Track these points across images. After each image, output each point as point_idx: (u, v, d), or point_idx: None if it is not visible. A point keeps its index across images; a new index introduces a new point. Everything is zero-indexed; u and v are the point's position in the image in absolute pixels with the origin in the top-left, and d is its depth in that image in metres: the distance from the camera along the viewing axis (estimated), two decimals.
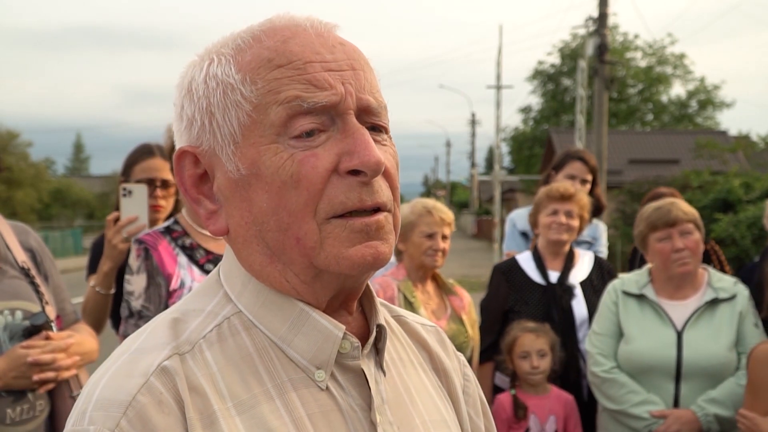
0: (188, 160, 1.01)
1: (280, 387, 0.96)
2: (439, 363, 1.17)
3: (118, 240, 2.92)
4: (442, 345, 1.21)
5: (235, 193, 0.97)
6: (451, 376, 1.17)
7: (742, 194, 15.24)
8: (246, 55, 0.97)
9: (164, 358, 0.93)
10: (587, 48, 20.83)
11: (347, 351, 1.00)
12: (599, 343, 3.28)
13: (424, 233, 3.30)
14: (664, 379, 3.16)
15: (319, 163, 0.94)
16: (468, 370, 1.24)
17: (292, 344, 0.98)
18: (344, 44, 1.00)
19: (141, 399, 0.89)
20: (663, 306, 3.24)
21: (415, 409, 1.07)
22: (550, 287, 3.63)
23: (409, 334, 1.17)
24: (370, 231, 0.95)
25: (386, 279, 3.32)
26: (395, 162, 1.01)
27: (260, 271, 0.99)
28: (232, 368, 0.95)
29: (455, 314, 3.35)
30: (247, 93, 0.96)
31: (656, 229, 3.20)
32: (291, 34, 0.98)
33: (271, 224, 0.95)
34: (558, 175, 4.27)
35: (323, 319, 0.98)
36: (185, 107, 1.01)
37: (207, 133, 0.99)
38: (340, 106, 0.95)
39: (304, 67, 0.95)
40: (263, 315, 0.99)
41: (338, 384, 0.99)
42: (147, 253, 2.53)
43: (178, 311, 1.01)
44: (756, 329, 3.20)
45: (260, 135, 0.95)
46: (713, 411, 3.07)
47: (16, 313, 2.21)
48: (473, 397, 1.21)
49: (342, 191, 0.94)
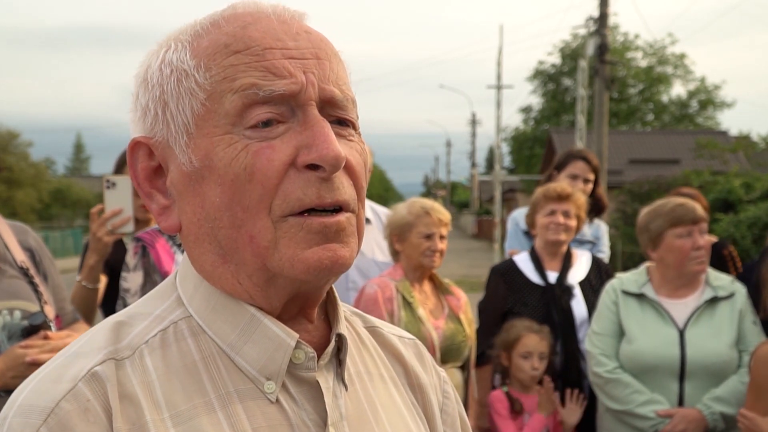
0: (142, 151, 0.95)
1: (224, 398, 0.89)
2: (414, 378, 1.09)
3: (102, 233, 2.88)
4: (419, 359, 1.13)
5: (188, 188, 0.91)
6: (427, 393, 1.10)
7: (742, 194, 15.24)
8: (203, 41, 0.92)
9: (97, 363, 0.87)
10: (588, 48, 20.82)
11: (301, 361, 0.93)
12: (600, 344, 3.27)
13: (422, 234, 3.29)
14: (667, 378, 3.15)
15: (276, 155, 0.88)
16: (448, 387, 1.15)
17: (241, 352, 0.92)
18: (310, 32, 0.94)
19: (65, 406, 0.83)
20: (663, 305, 3.24)
21: (379, 426, 0.99)
22: (549, 288, 3.62)
23: (384, 346, 1.10)
24: (328, 233, 0.89)
25: (384, 279, 3.31)
26: (362, 160, 0.95)
27: (212, 272, 0.93)
28: (173, 376, 0.89)
29: (453, 313, 3.35)
30: (201, 80, 0.90)
31: (678, 224, 3.17)
32: (252, 20, 0.92)
33: (224, 221, 0.89)
34: (560, 175, 4.26)
35: (275, 326, 0.92)
36: (140, 96, 0.95)
37: (160, 123, 0.93)
38: (300, 96, 0.89)
39: (262, 53, 0.89)
40: (213, 320, 0.93)
41: (290, 396, 0.93)
42: (144, 250, 2.52)
43: (125, 314, 0.96)
44: (755, 327, 3.21)
45: (214, 125, 0.89)
46: (719, 409, 3.06)
47: (15, 313, 2.21)
48: (452, 416, 1.13)
49: (299, 186, 0.88)
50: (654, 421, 3.11)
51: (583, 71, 22.96)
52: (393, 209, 3.47)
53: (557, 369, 3.50)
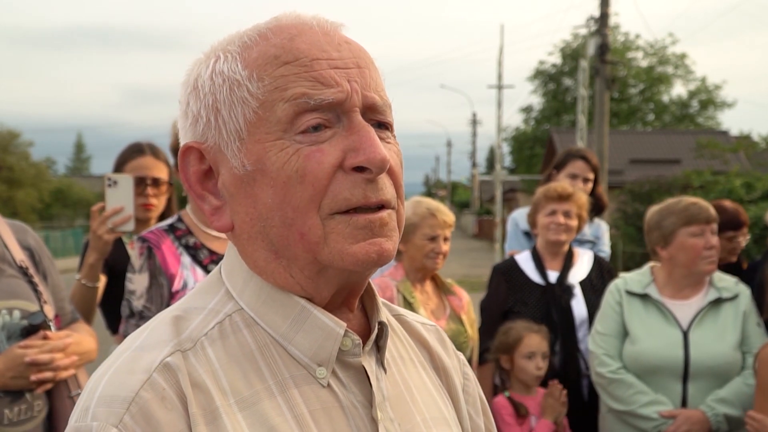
0: (193, 156, 1.01)
1: (281, 384, 0.96)
2: (439, 362, 1.17)
3: (103, 231, 2.87)
4: (442, 344, 1.21)
5: (240, 190, 0.98)
6: (451, 375, 1.18)
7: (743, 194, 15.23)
8: (252, 52, 0.98)
9: (166, 354, 0.93)
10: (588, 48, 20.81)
11: (348, 348, 1.00)
12: (604, 344, 3.26)
13: (426, 236, 3.27)
14: (671, 379, 3.14)
15: (325, 158, 0.94)
16: (468, 369, 1.24)
17: (294, 341, 0.98)
18: (350, 43, 1.01)
19: (144, 395, 0.89)
20: (667, 305, 3.22)
21: (415, 406, 1.07)
22: (550, 287, 3.61)
23: (410, 332, 1.17)
24: (374, 228, 0.96)
25: (385, 280, 3.30)
26: (399, 160, 1.02)
27: (264, 267, 0.99)
28: (234, 365, 0.96)
29: (454, 314, 3.34)
30: (254, 89, 0.96)
31: (692, 223, 3.15)
32: (297, 32, 0.98)
33: (276, 220, 0.96)
34: (560, 174, 4.26)
35: (324, 317, 0.99)
36: (191, 104, 1.01)
37: (212, 129, 0.99)
38: (346, 104, 0.96)
39: (310, 64, 0.95)
40: (265, 312, 0.99)
41: (339, 381, 1.00)
42: (150, 251, 2.50)
43: (179, 309, 1.01)
44: (759, 328, 3.20)
45: (266, 132, 0.95)
46: (723, 411, 3.06)
47: (14, 313, 2.20)
48: (473, 396, 1.22)
49: (347, 187, 0.94)
50: (657, 422, 3.10)
51: (584, 71, 22.96)
52: None
53: (556, 368, 3.50)
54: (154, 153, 3.31)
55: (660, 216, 3.26)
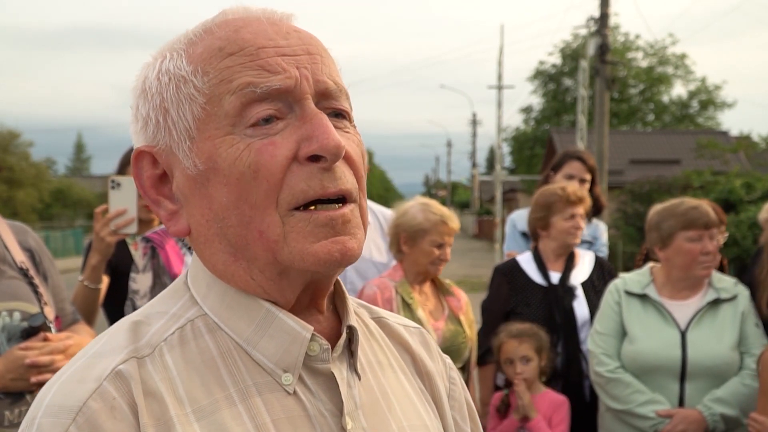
0: (146, 160, 0.98)
1: (243, 391, 0.92)
2: (422, 366, 1.12)
3: (105, 233, 2.87)
4: (425, 347, 1.16)
5: (194, 191, 0.94)
6: (434, 380, 1.12)
7: (743, 194, 15.24)
8: (197, 47, 0.95)
9: (120, 362, 0.89)
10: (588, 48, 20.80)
11: (316, 353, 0.96)
12: (603, 343, 3.27)
13: (435, 242, 3.25)
14: (668, 379, 3.15)
15: (278, 151, 0.90)
16: (454, 373, 1.18)
17: (258, 346, 0.94)
18: (299, 31, 0.97)
19: (92, 405, 0.86)
20: (666, 306, 3.23)
21: (392, 414, 1.02)
22: (552, 288, 3.61)
23: (390, 336, 1.12)
24: (336, 225, 0.92)
25: (383, 280, 3.30)
26: (360, 150, 0.97)
27: (224, 270, 0.96)
28: (193, 372, 0.92)
29: (453, 315, 3.34)
30: (200, 84, 0.93)
31: (690, 227, 3.14)
32: (243, 24, 0.95)
33: (233, 219, 0.92)
34: (557, 176, 4.27)
35: (290, 320, 0.95)
36: (140, 107, 0.97)
37: (162, 131, 0.95)
38: (296, 91, 0.92)
39: (256, 53, 0.92)
40: (228, 317, 0.96)
41: (307, 388, 0.95)
42: (154, 251, 2.51)
43: (141, 314, 0.98)
44: (757, 329, 3.20)
45: (215, 127, 0.92)
46: (719, 410, 3.06)
47: (14, 314, 2.20)
48: (459, 401, 1.16)
49: (303, 179, 0.91)
50: (654, 421, 3.11)
51: (584, 71, 22.96)
52: (402, 209, 3.37)
53: (558, 369, 3.50)
54: None
55: (660, 217, 3.25)
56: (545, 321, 3.48)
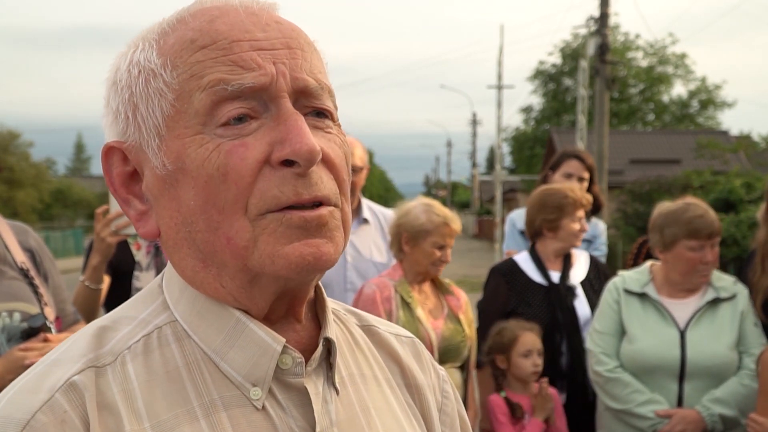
0: (116, 156, 0.92)
1: (208, 406, 0.86)
2: (411, 378, 1.06)
3: (106, 233, 2.87)
4: (417, 358, 1.09)
5: (163, 192, 0.88)
6: (424, 393, 1.06)
7: (743, 194, 15.23)
8: (170, 38, 0.88)
9: (75, 372, 0.84)
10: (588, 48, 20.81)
11: (288, 367, 0.90)
12: (602, 342, 3.27)
13: (436, 244, 3.26)
14: (667, 379, 3.15)
15: (249, 153, 0.84)
16: (448, 387, 1.12)
17: (227, 358, 0.89)
18: (281, 23, 0.90)
19: (41, 418, 0.81)
20: (665, 305, 3.23)
21: (371, 430, 0.96)
22: (553, 287, 3.60)
23: (379, 345, 1.06)
24: (309, 227, 0.85)
25: (383, 279, 3.30)
26: (342, 152, 0.91)
27: (193, 276, 0.90)
28: (155, 384, 0.86)
29: (452, 314, 3.33)
30: (169, 79, 0.86)
31: (694, 237, 3.12)
32: (219, 13, 0.88)
33: (200, 224, 0.86)
34: (555, 175, 4.28)
35: (261, 331, 0.89)
36: (110, 100, 0.92)
37: (132, 126, 0.90)
38: (271, 89, 0.85)
39: (229, 46, 0.85)
40: (198, 324, 0.90)
41: (277, 403, 0.89)
42: (157, 250, 2.52)
43: (109, 319, 0.93)
44: (756, 328, 3.20)
45: (185, 126, 0.86)
46: (718, 411, 3.07)
47: (14, 315, 2.20)
48: (451, 416, 1.10)
49: (275, 184, 0.84)
50: (653, 421, 3.12)
51: (584, 71, 22.95)
52: (405, 209, 3.35)
53: (563, 369, 3.48)
54: None
55: (664, 221, 3.23)
56: (548, 321, 3.47)
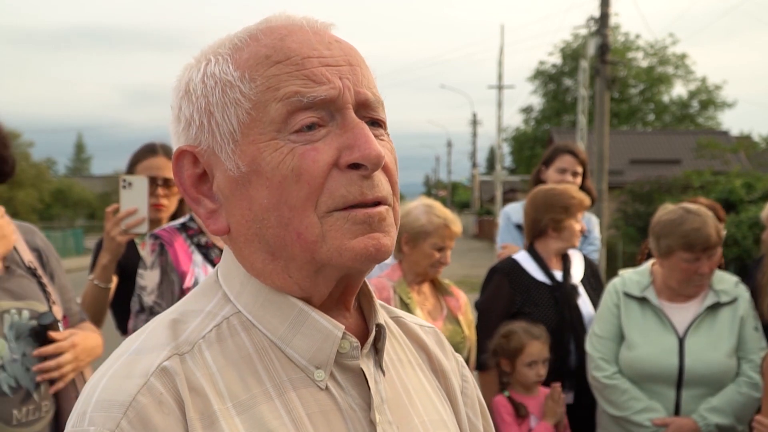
0: (187, 160, 1.01)
1: (279, 387, 0.96)
2: (437, 364, 1.17)
3: (116, 232, 2.87)
4: (440, 346, 1.20)
5: (235, 192, 0.97)
6: (449, 377, 1.17)
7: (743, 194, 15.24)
8: (243, 53, 0.98)
9: (164, 358, 0.93)
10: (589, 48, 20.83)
11: (346, 351, 1.00)
12: (601, 347, 3.25)
13: (436, 245, 3.24)
14: (665, 386, 3.13)
15: (320, 156, 0.94)
16: (466, 371, 1.23)
17: (292, 344, 0.98)
18: (340, 42, 1.01)
19: (141, 399, 0.89)
20: (665, 310, 3.20)
21: (414, 409, 1.06)
22: (558, 286, 3.56)
23: (408, 334, 1.17)
24: (372, 222, 0.96)
25: (381, 280, 3.28)
26: (394, 157, 1.02)
27: (262, 269, 0.99)
28: (232, 368, 0.95)
29: (451, 315, 3.32)
30: (246, 90, 0.96)
31: (689, 250, 3.09)
32: (288, 32, 0.98)
33: (272, 220, 0.95)
34: (548, 170, 4.27)
35: (322, 319, 0.98)
36: (183, 108, 1.01)
37: (206, 132, 0.99)
38: (338, 101, 0.95)
39: (302, 62, 0.95)
40: (262, 315, 0.99)
41: (337, 383, 0.99)
42: (162, 248, 2.52)
43: (176, 312, 1.01)
44: (756, 333, 3.18)
45: (260, 132, 0.95)
46: (715, 421, 3.05)
47: (23, 313, 2.21)
48: (471, 398, 1.21)
49: (343, 185, 0.94)
50: (649, 429, 3.10)
51: (584, 71, 22.97)
52: (406, 209, 3.34)
53: (572, 368, 3.45)
54: (166, 154, 3.32)
55: (661, 230, 3.18)
56: (556, 320, 3.43)
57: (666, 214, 3.22)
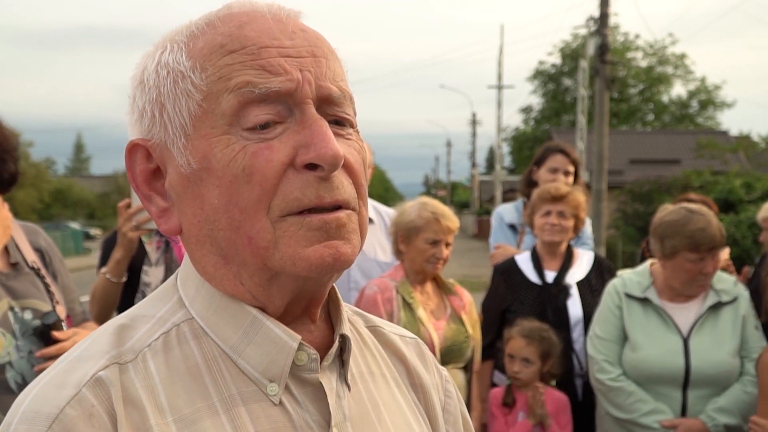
0: (140, 154, 0.95)
1: (227, 401, 0.89)
2: (416, 378, 1.10)
3: (127, 228, 2.86)
4: (421, 358, 1.13)
5: (187, 190, 0.91)
6: (428, 392, 1.10)
7: (743, 194, 15.27)
8: (199, 41, 0.91)
9: (100, 367, 0.87)
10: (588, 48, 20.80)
11: (304, 363, 0.93)
12: (604, 349, 3.23)
13: (428, 240, 3.25)
14: (671, 388, 3.12)
15: (274, 156, 0.87)
16: (450, 386, 1.15)
17: (244, 355, 0.92)
18: (306, 31, 0.93)
19: (69, 412, 0.83)
20: (667, 310, 3.19)
21: (381, 426, 0.99)
22: (546, 287, 3.63)
23: (385, 345, 1.10)
24: (329, 229, 0.88)
25: (384, 280, 3.29)
26: (361, 158, 0.94)
27: (213, 273, 0.93)
28: (176, 380, 0.89)
29: (455, 314, 3.33)
30: (198, 81, 0.89)
31: (695, 250, 3.07)
32: (248, 20, 0.91)
33: (223, 222, 0.89)
34: (540, 170, 4.28)
35: (277, 329, 0.92)
36: (137, 98, 0.94)
37: (158, 125, 0.92)
38: (296, 94, 0.89)
39: (258, 52, 0.89)
40: (215, 322, 0.93)
41: (293, 398, 0.92)
42: (167, 245, 2.52)
43: (127, 317, 0.95)
44: (757, 332, 3.18)
45: (211, 126, 0.89)
46: (723, 421, 3.03)
47: (27, 312, 2.22)
48: (454, 414, 1.14)
49: (297, 187, 0.87)
50: (657, 431, 3.08)
51: (584, 71, 22.96)
52: (401, 208, 3.39)
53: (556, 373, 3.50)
54: None
55: (665, 231, 3.15)
56: (538, 319, 3.49)
57: (669, 214, 3.19)
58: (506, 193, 38.43)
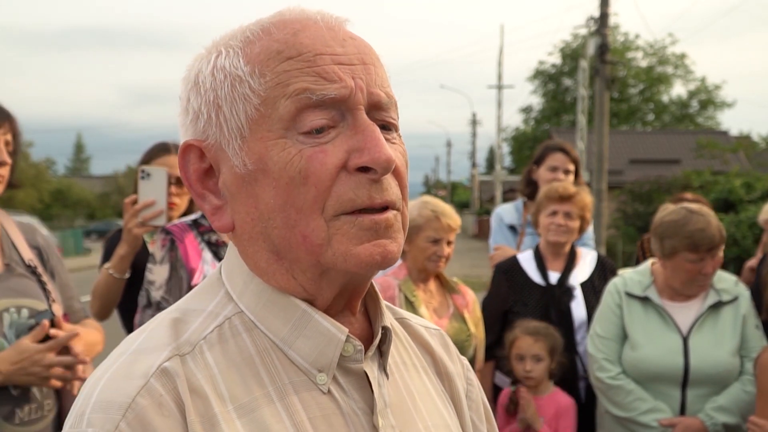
0: (193, 154, 0.99)
1: (281, 390, 0.94)
2: (442, 367, 1.15)
3: (133, 224, 2.84)
4: (445, 348, 1.19)
5: (241, 189, 0.95)
6: (454, 381, 1.15)
7: (743, 194, 15.27)
8: (255, 47, 0.95)
9: (164, 359, 0.91)
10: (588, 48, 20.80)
11: (350, 354, 0.98)
12: (604, 348, 3.23)
13: (429, 238, 3.26)
14: (670, 386, 3.11)
15: (328, 159, 0.92)
16: (471, 375, 1.22)
17: (294, 346, 0.96)
18: (354, 38, 0.98)
19: (140, 401, 0.87)
20: (667, 309, 3.19)
21: (417, 413, 1.05)
22: (550, 288, 3.61)
23: (413, 337, 1.15)
24: (379, 229, 0.93)
25: (387, 279, 3.29)
26: (405, 160, 1.00)
27: (266, 268, 0.97)
28: (233, 370, 0.93)
29: (458, 312, 3.33)
30: (256, 86, 0.93)
31: (694, 251, 3.06)
32: (301, 27, 0.96)
33: (278, 221, 0.93)
34: (540, 169, 4.26)
35: (326, 322, 0.97)
36: (191, 100, 0.98)
37: (213, 126, 0.96)
38: (350, 101, 0.93)
39: (314, 59, 0.93)
40: (265, 316, 0.97)
41: (340, 387, 0.98)
42: (172, 244, 2.51)
43: (178, 310, 0.99)
44: (757, 331, 3.17)
45: (268, 129, 0.93)
46: (722, 420, 3.03)
47: (23, 311, 2.21)
48: (476, 401, 1.20)
49: (351, 188, 0.92)
50: (656, 430, 3.08)
51: (584, 71, 22.97)
52: None
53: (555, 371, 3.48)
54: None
55: (664, 231, 3.14)
56: (542, 321, 3.47)
57: (669, 214, 3.19)
58: (506, 193, 38.42)
